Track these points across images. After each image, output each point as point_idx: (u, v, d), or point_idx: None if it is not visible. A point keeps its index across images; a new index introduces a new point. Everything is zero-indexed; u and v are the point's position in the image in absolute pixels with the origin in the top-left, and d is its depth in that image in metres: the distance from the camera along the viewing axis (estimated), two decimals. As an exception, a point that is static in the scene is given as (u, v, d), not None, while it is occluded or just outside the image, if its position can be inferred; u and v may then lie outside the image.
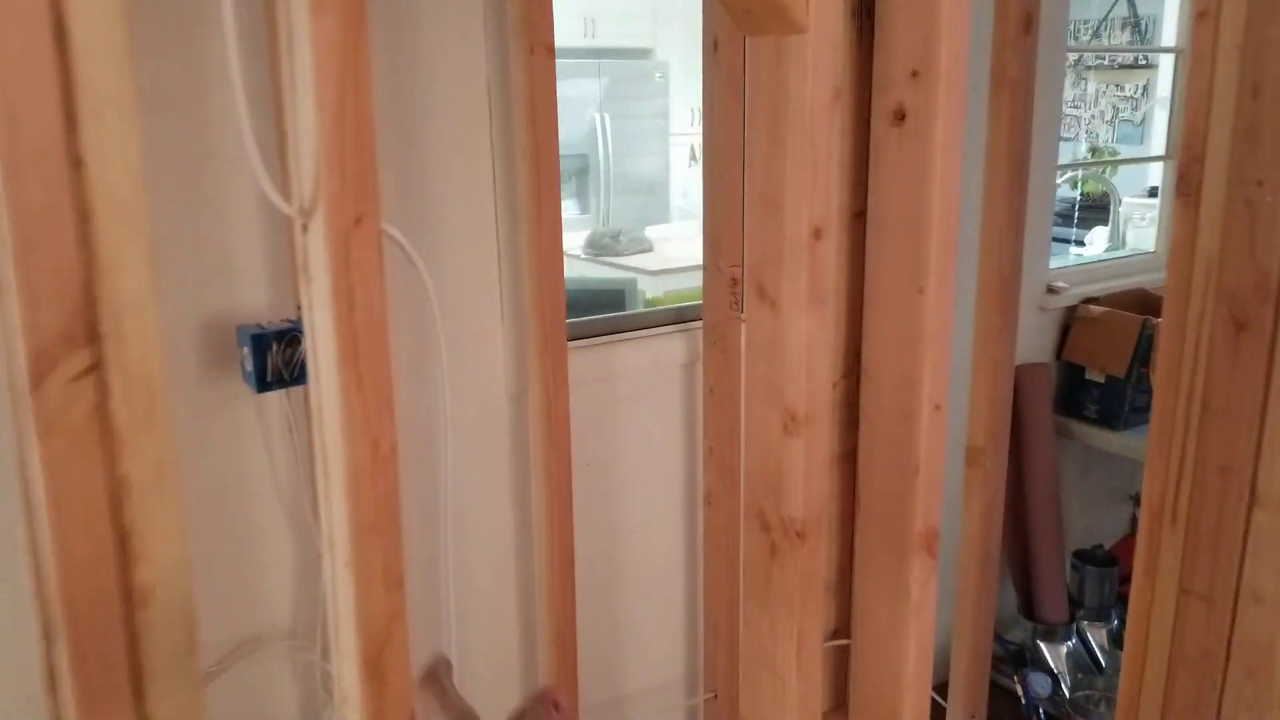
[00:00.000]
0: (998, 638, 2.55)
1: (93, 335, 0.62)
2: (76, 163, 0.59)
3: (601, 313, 2.00)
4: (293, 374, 1.51)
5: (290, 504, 1.60)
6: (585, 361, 1.87)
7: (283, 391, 1.53)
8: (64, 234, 0.60)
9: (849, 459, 1.79)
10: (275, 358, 1.48)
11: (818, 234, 0.92)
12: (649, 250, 3.52)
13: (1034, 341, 2.56)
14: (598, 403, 1.91)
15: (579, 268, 3.58)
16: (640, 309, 2.06)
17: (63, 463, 0.63)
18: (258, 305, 1.53)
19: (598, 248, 3.50)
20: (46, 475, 0.63)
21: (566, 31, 4.33)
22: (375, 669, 0.81)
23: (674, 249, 3.70)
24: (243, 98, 0.67)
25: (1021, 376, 2.46)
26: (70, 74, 0.59)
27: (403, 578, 0.79)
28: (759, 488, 1.03)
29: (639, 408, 1.97)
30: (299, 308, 1.57)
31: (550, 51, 1.59)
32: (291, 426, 1.57)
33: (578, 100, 4.08)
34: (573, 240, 3.70)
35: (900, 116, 1.03)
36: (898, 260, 1.07)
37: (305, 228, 0.70)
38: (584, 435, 1.88)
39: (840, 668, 2.09)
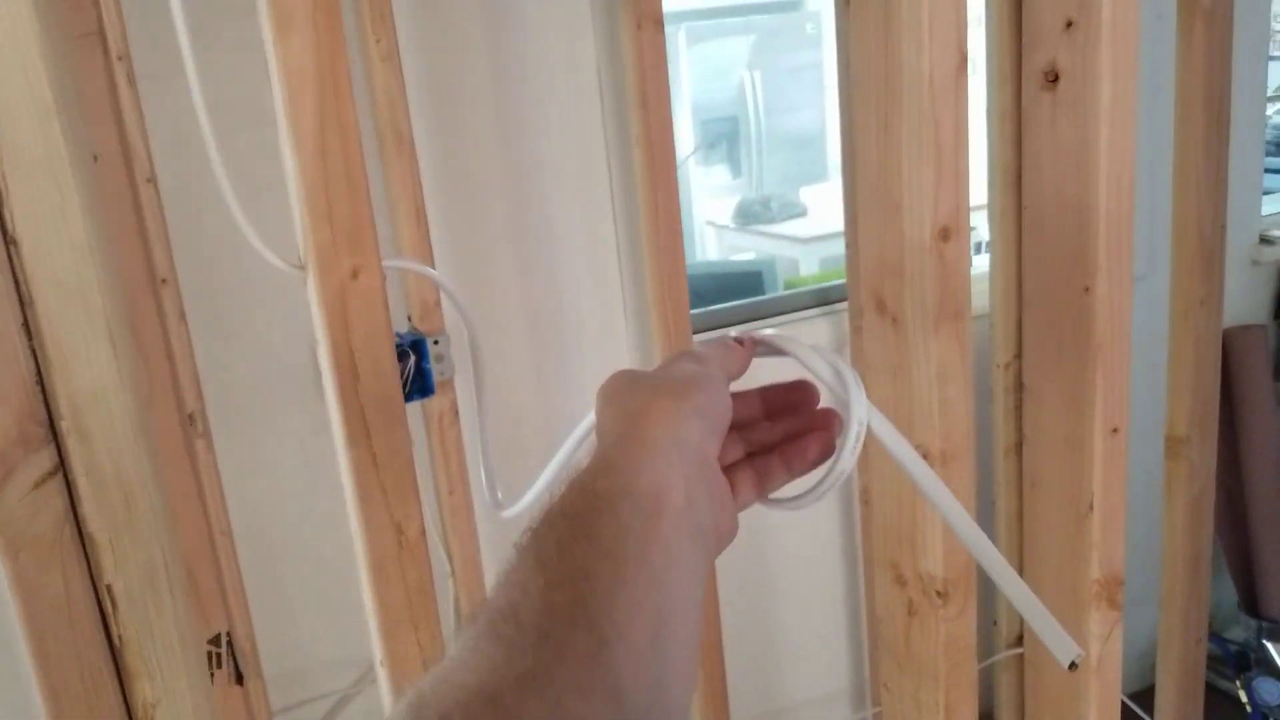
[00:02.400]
0: (1216, 637, 2.25)
1: (50, 435, 0.54)
2: (8, 239, 0.50)
3: (737, 298, 1.84)
4: (405, 391, 1.44)
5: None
6: (719, 356, 1.72)
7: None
8: (3, 323, 0.51)
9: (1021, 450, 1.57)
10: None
11: (945, 235, 0.74)
12: (802, 215, 3.31)
13: (1247, 301, 2.22)
14: (735, 399, 1.76)
15: (730, 240, 3.41)
16: (780, 291, 1.89)
17: (34, 579, 0.56)
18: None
19: (746, 216, 3.32)
20: (18, 594, 0.55)
21: (713, -8, 4.12)
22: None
23: (831, 211, 3.47)
24: (210, 135, 0.56)
25: (1233, 342, 2.14)
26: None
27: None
28: (890, 537, 0.87)
29: (783, 402, 1.80)
30: (409, 318, 1.50)
31: (659, 25, 1.43)
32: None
33: (725, 61, 3.88)
34: (723, 210, 3.53)
35: (1053, 78, 0.83)
36: (1057, 253, 0.87)
37: (305, 283, 0.59)
38: (723, 435, 1.74)
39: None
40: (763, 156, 3.86)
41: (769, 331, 0.56)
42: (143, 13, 1.05)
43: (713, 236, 3.52)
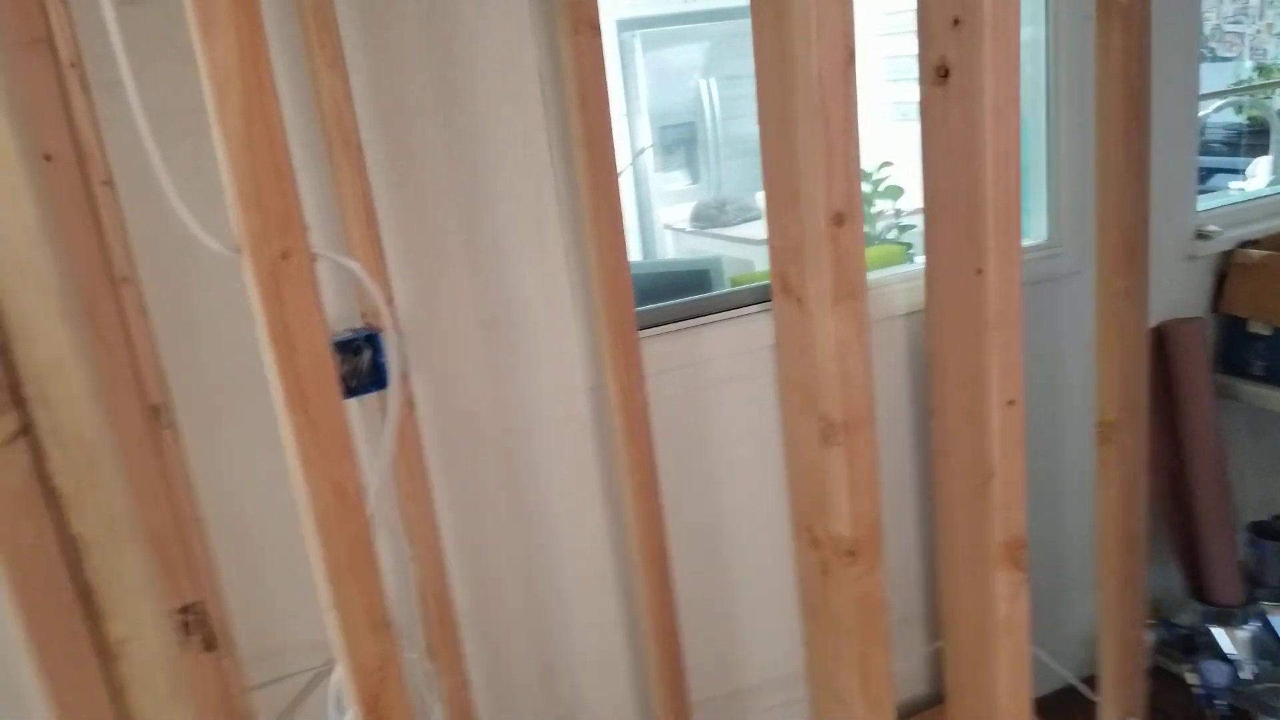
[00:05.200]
0: (1165, 622, 2.33)
1: (17, 400, 0.59)
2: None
3: (686, 295, 1.90)
4: (360, 382, 1.50)
5: (374, 506, 1.60)
6: (667, 348, 1.79)
7: (354, 400, 1.52)
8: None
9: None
10: (341, 367, 1.47)
11: (839, 220, 0.81)
12: (758, 218, 3.39)
13: (1184, 294, 2.31)
14: (686, 390, 1.83)
15: (687, 242, 3.48)
16: (725, 289, 1.96)
17: (10, 526, 0.61)
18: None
19: (703, 219, 3.39)
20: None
21: (665, -1, 4.19)
22: (373, 712, 0.76)
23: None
24: (147, 132, 0.62)
25: (1172, 334, 2.22)
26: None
27: (389, 619, 0.74)
28: (803, 502, 0.93)
29: (730, 392, 1.87)
30: (363, 315, 1.55)
31: (596, 30, 1.50)
32: (365, 434, 1.56)
33: (681, 68, 3.96)
34: (681, 214, 3.61)
35: (943, 73, 0.90)
36: (952, 238, 0.94)
37: (241, 265, 0.65)
38: (673, 424, 1.81)
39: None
40: (720, 161, 3.94)
41: None
42: (103, 24, 1.10)
43: (671, 240, 3.61)
